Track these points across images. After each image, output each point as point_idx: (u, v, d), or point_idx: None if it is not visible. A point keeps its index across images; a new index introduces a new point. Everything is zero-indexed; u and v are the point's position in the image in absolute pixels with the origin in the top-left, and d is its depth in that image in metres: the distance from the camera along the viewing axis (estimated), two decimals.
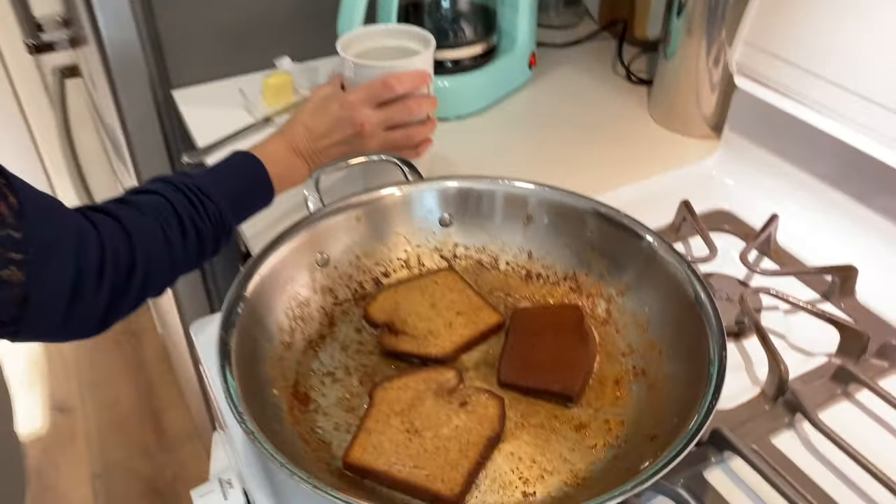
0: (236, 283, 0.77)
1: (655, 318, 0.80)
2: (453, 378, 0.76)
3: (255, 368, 0.73)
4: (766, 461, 0.73)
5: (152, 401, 2.47)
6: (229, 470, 0.83)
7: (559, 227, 0.89)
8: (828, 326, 0.88)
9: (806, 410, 0.77)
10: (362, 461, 0.68)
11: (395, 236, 0.91)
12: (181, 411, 2.43)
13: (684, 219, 1.04)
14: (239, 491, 0.80)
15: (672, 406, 0.71)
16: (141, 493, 2.21)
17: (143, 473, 2.27)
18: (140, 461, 2.30)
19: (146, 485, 2.24)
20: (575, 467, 0.70)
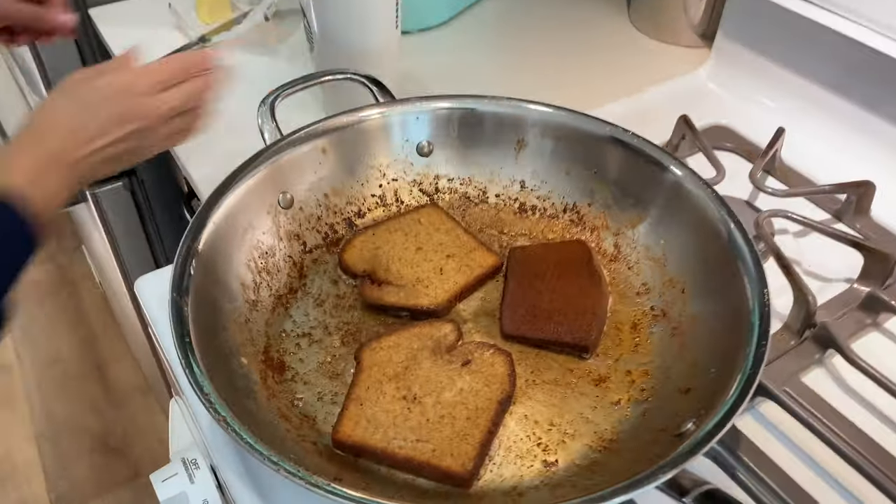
0: (187, 236, 0.64)
1: (675, 253, 0.71)
2: (451, 332, 0.66)
3: (218, 336, 0.61)
4: (800, 404, 0.66)
5: (96, 354, 2.32)
6: (193, 447, 0.72)
7: (556, 152, 0.78)
8: (845, 249, 0.80)
9: (840, 345, 0.69)
10: (355, 438, 0.58)
11: (368, 169, 0.79)
12: (128, 363, 2.28)
13: (683, 136, 0.94)
14: (207, 471, 0.69)
15: (704, 353, 0.62)
16: (91, 451, 2.09)
17: (92, 430, 2.14)
18: (88, 418, 2.17)
19: (97, 442, 2.12)
20: (599, 428, 0.61)
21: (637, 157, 0.73)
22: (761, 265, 0.62)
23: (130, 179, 1.38)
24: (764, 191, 0.86)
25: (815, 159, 0.94)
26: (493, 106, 0.78)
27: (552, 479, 0.57)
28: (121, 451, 2.08)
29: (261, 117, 0.75)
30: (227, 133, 0.85)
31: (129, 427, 2.14)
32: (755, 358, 0.55)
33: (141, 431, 2.12)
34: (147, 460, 2.04)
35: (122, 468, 2.02)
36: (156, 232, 1.47)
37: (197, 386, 0.53)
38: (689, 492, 0.49)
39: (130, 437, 2.11)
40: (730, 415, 0.52)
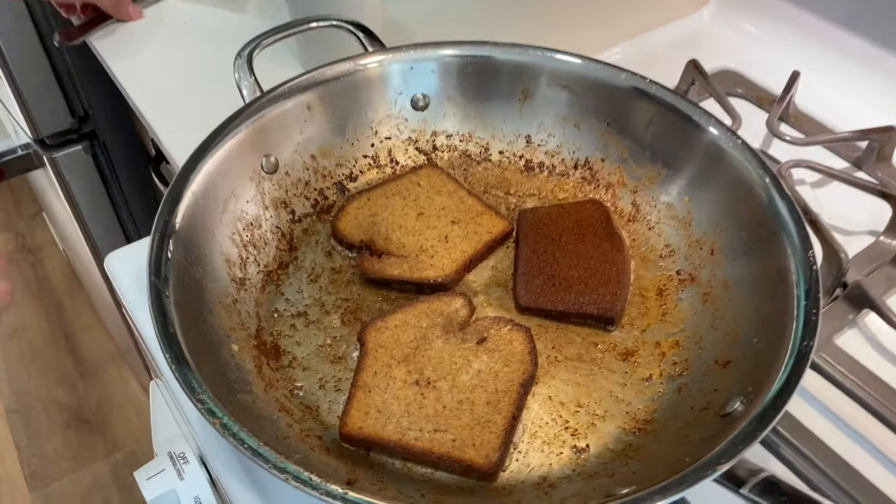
0: (162, 210, 0.56)
1: (701, 210, 0.65)
2: (462, 307, 0.60)
3: (205, 321, 0.55)
4: (838, 370, 0.61)
5: (64, 323, 2.23)
6: (179, 438, 0.66)
7: (565, 103, 0.71)
8: (868, 200, 0.75)
9: (876, 303, 0.65)
10: (365, 430, 0.52)
11: (359, 127, 0.71)
12: (98, 332, 2.20)
13: (692, 82, 0.87)
14: (197, 465, 0.63)
15: (741, 321, 0.57)
16: (65, 425, 2.02)
17: (64, 403, 2.06)
18: (59, 390, 2.09)
19: (70, 415, 2.04)
20: (631, 408, 0.56)
21: (656, 107, 0.67)
22: (803, 223, 0.57)
23: (91, 142, 1.28)
24: (783, 139, 0.80)
25: (830, 104, 0.88)
26: (496, 52, 0.70)
27: (585, 467, 0.52)
28: (96, 424, 2.01)
29: (237, 71, 0.67)
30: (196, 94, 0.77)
31: (104, 399, 2.07)
32: (806, 328, 0.50)
33: (116, 403, 2.04)
34: (125, 433, 1.98)
35: (99, 442, 1.95)
36: (121, 197, 1.38)
37: (187, 386, 0.46)
38: (746, 482, 0.44)
39: (105, 410, 2.04)
40: (786, 394, 0.47)
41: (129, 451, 1.96)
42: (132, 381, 2.07)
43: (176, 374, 0.47)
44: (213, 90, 0.78)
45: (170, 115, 0.84)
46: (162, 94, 0.87)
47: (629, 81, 0.68)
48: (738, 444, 0.45)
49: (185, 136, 0.76)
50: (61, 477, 1.89)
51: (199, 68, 0.90)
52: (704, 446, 0.47)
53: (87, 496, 1.86)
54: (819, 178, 0.81)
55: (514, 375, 0.55)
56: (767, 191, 0.59)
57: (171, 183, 0.58)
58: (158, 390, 0.75)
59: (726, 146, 0.62)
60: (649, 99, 0.67)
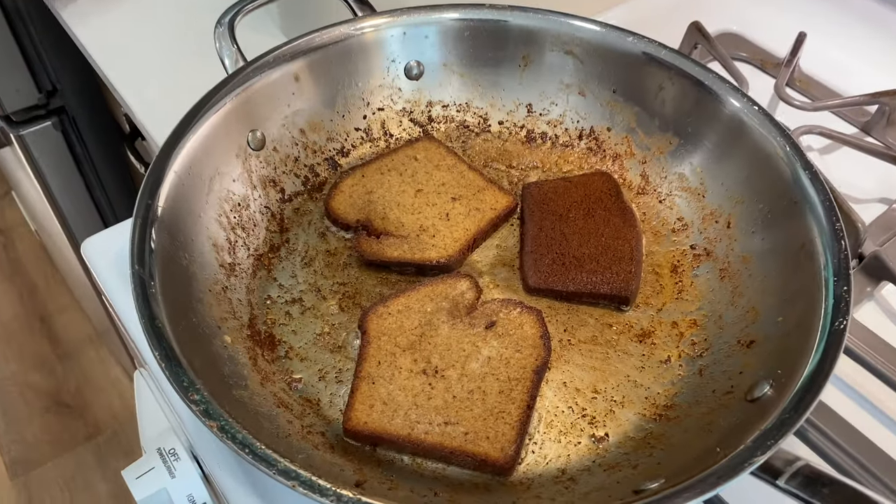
0: (143, 192, 0.52)
1: (715, 181, 0.62)
2: (468, 289, 0.56)
3: (195, 312, 0.51)
4: (858, 344, 0.59)
5: (39, 305, 2.16)
6: (169, 433, 0.62)
7: (568, 69, 0.67)
8: (878, 167, 0.72)
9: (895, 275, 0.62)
10: (371, 425, 0.49)
11: (350, 98, 0.67)
12: (75, 314, 2.14)
13: (695, 46, 0.83)
14: (189, 462, 0.59)
15: (763, 298, 0.54)
16: (44, 409, 1.97)
17: (42, 387, 2.01)
18: (36, 374, 2.03)
19: (49, 399, 1.99)
20: (650, 392, 0.53)
21: (667, 72, 0.63)
22: (829, 193, 0.54)
23: (60, 118, 1.22)
24: (791, 104, 0.77)
25: (836, 66, 0.85)
26: (494, 15, 0.66)
27: (605, 457, 0.49)
28: (76, 408, 1.96)
29: (218, 40, 0.62)
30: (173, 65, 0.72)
31: (83, 382, 2.02)
32: (837, 307, 0.47)
33: (96, 386, 2.00)
34: (106, 415, 1.93)
35: (80, 426, 1.91)
36: (94, 175, 1.32)
37: (179, 385, 0.42)
38: (782, 472, 0.42)
39: (85, 393, 1.99)
40: (820, 378, 0.44)
41: (112, 434, 1.92)
42: (112, 363, 2.02)
43: (166, 373, 0.43)
44: (190, 61, 0.73)
45: (144, 88, 0.79)
46: (135, 66, 0.82)
47: (638, 46, 0.64)
48: (774, 433, 0.42)
49: (162, 110, 0.72)
50: (43, 463, 1.85)
51: (174, 37, 0.85)
52: (734, 434, 0.44)
53: (70, 481, 1.82)
54: (827, 145, 0.78)
55: (526, 362, 0.52)
56: (788, 160, 0.56)
57: (152, 163, 0.53)
58: (143, 380, 0.71)
59: (743, 113, 0.59)
60: (659, 64, 0.63)
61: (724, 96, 0.60)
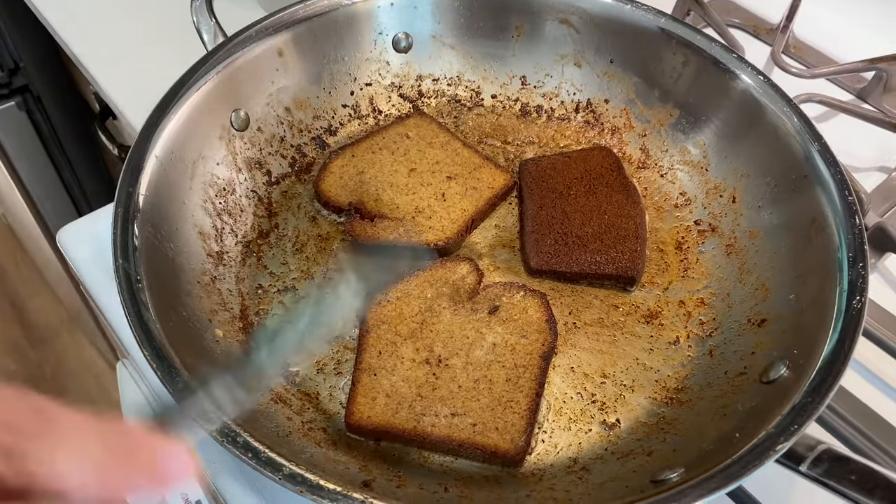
0: (124, 179, 0.49)
1: (718, 154, 0.60)
2: (469, 273, 0.54)
3: (184, 305, 0.48)
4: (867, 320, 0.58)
5: (8, 290, 2.10)
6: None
7: (563, 39, 0.64)
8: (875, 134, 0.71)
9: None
10: (374, 420, 0.47)
11: (336, 73, 0.64)
12: (47, 297, 2.08)
13: (688, 12, 0.81)
14: None
15: (773, 275, 0.52)
16: None
17: (16, 373, 1.96)
18: (9, 360, 1.98)
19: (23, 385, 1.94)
20: (661, 375, 0.51)
21: (667, 41, 0.60)
22: (839, 165, 0.52)
23: (24, 97, 1.16)
24: (789, 72, 0.75)
25: (830, 32, 0.83)
26: None
27: (617, 445, 0.48)
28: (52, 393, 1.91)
29: (196, 14, 0.59)
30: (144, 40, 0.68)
31: (58, 367, 1.97)
32: (853, 284, 0.46)
33: (72, 370, 1.95)
34: (84, 401, 1.89)
35: None
36: (63, 156, 1.27)
37: (173, 387, 0.40)
38: (804, 458, 0.40)
39: (62, 378, 1.94)
40: (840, 359, 0.43)
41: None
42: (87, 347, 1.97)
43: (159, 374, 0.41)
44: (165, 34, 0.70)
45: (115, 65, 0.75)
46: (103, 42, 0.78)
47: (636, 14, 0.62)
48: (797, 417, 0.41)
49: (136, 88, 0.68)
50: None
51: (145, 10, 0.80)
52: (752, 419, 0.43)
53: None
54: (824, 112, 0.76)
55: (532, 348, 0.50)
56: (794, 131, 0.54)
57: (131, 148, 0.50)
58: (127, 372, 0.68)
59: (747, 83, 0.57)
60: (659, 33, 0.61)
61: (728, 66, 0.58)
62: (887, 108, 0.77)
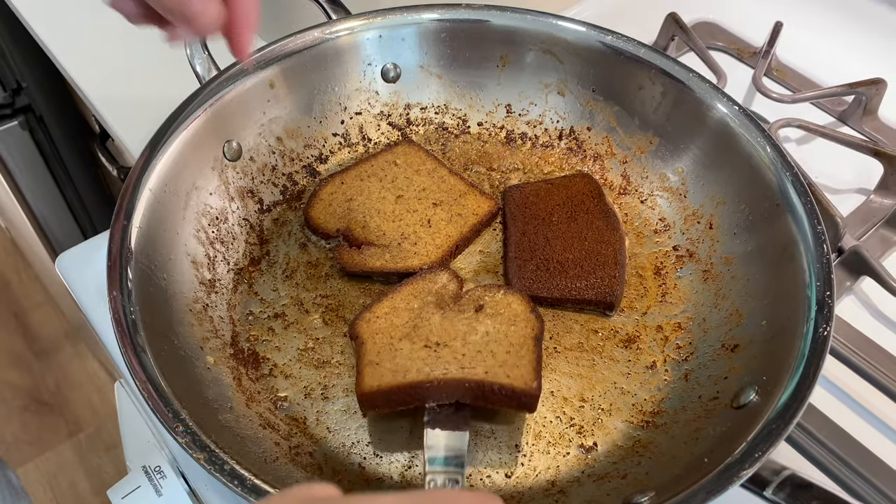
0: (118, 212, 0.51)
1: (696, 181, 0.61)
2: (449, 280, 0.56)
3: (176, 335, 0.50)
4: (839, 341, 0.60)
5: (12, 302, 2.13)
6: (153, 450, 0.62)
7: (547, 68, 0.66)
8: (854, 157, 0.73)
9: (875, 270, 0.63)
10: (384, 385, 0.48)
11: (326, 103, 0.66)
12: (49, 309, 2.10)
13: (672, 37, 0.83)
14: (175, 479, 0.59)
15: (747, 301, 0.54)
16: (23, 408, 1.94)
17: (19, 386, 1.98)
18: (13, 373, 2.00)
19: (27, 397, 1.96)
20: (637, 399, 0.53)
21: (647, 71, 0.62)
22: (809, 194, 0.54)
23: (27, 117, 1.19)
24: (770, 97, 0.77)
25: (812, 55, 0.85)
26: (471, 14, 0.65)
27: (594, 468, 0.49)
28: (55, 405, 1.94)
29: (189, 47, 0.61)
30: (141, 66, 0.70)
31: (61, 379, 1.99)
32: (821, 312, 0.48)
33: (75, 382, 1.97)
34: (86, 412, 1.91)
35: (60, 424, 1.89)
36: (65, 174, 1.29)
37: (163, 417, 0.42)
38: (769, 482, 0.42)
39: (64, 390, 1.97)
40: (806, 386, 0.44)
41: (93, 431, 1.90)
42: (89, 358, 1.99)
43: (150, 403, 0.43)
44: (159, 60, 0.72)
45: (111, 88, 0.77)
46: (100, 65, 0.80)
47: (616, 44, 0.63)
48: (761, 443, 0.42)
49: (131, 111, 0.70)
50: (24, 462, 1.83)
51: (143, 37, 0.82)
52: (722, 443, 0.45)
53: (52, 480, 1.81)
54: (803, 135, 0.78)
55: (524, 332, 0.51)
56: (768, 160, 0.56)
57: (125, 182, 0.52)
58: (125, 391, 0.71)
59: (723, 113, 0.59)
60: (639, 63, 0.63)
61: (704, 97, 0.60)
62: (867, 130, 0.79)
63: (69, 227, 1.40)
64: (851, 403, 0.58)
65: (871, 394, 0.57)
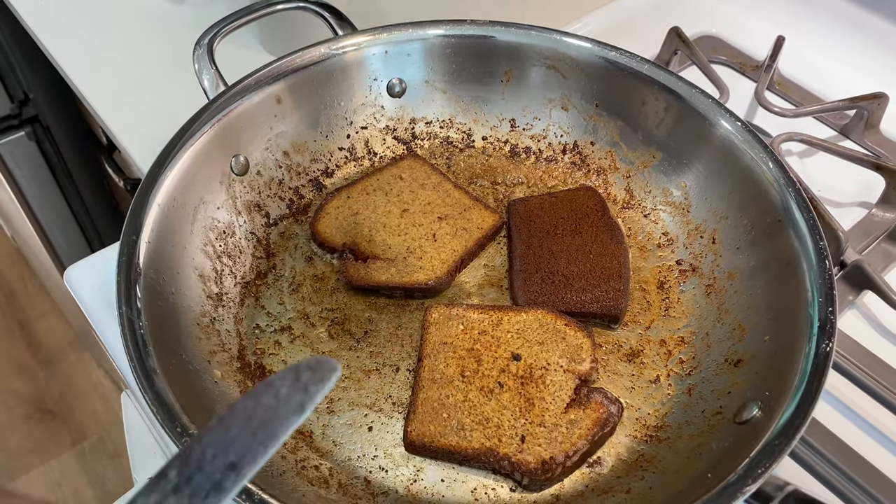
0: (128, 228, 0.51)
1: (699, 196, 0.62)
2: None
3: (183, 350, 0.50)
4: (842, 355, 0.60)
5: (17, 311, 2.14)
6: (159, 462, 0.62)
7: (551, 84, 0.67)
8: (856, 170, 0.73)
9: (877, 285, 0.63)
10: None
11: (333, 118, 0.67)
12: (54, 318, 2.11)
13: (675, 51, 0.83)
14: None
15: (750, 316, 0.55)
16: (27, 416, 1.95)
17: (24, 394, 1.99)
18: (17, 381, 2.01)
19: (31, 406, 1.97)
20: (641, 413, 0.53)
21: (649, 87, 0.63)
22: (812, 211, 0.54)
23: (34, 128, 1.20)
24: (772, 111, 0.78)
25: (815, 69, 0.86)
26: (476, 31, 0.66)
27: (598, 482, 0.50)
28: (59, 413, 1.95)
29: (197, 62, 0.61)
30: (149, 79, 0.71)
31: (66, 387, 2.00)
32: (823, 328, 0.48)
33: (79, 391, 1.98)
34: (90, 420, 1.92)
35: (65, 432, 1.89)
36: (72, 185, 1.30)
37: (173, 433, 0.42)
38: (772, 498, 0.42)
39: (69, 398, 1.97)
40: (808, 402, 0.45)
41: (98, 440, 1.91)
42: (94, 367, 2.00)
43: (159, 418, 0.43)
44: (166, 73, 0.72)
45: (118, 100, 0.78)
46: (107, 77, 0.81)
47: (620, 60, 0.64)
48: (764, 460, 0.43)
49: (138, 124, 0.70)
50: (28, 471, 1.83)
51: (150, 50, 0.83)
52: (724, 460, 0.45)
53: (56, 488, 1.81)
54: (805, 149, 0.79)
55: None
56: (770, 176, 0.57)
57: (134, 197, 0.53)
58: (131, 403, 0.71)
59: (726, 129, 0.59)
60: (642, 79, 0.63)
61: (707, 112, 0.60)
62: (869, 144, 0.79)
63: (75, 238, 1.41)
64: (854, 418, 0.58)
65: (874, 408, 0.58)
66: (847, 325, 0.63)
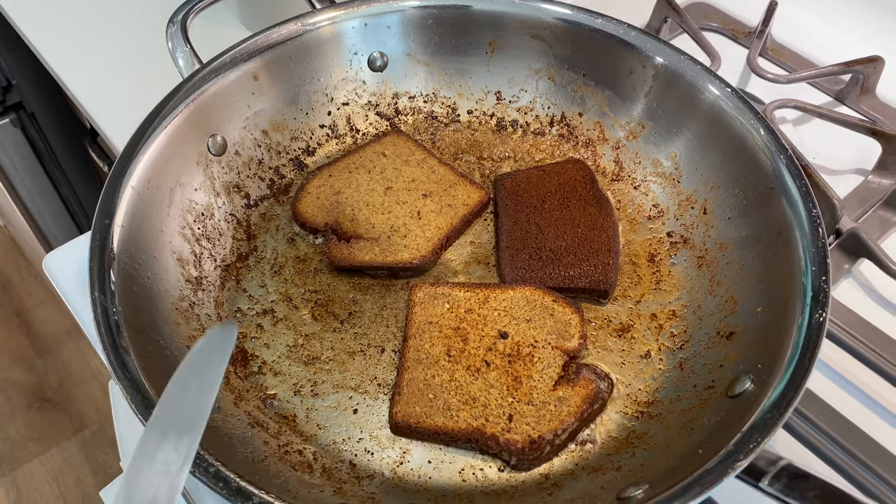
0: (100, 211, 0.50)
1: (689, 166, 0.60)
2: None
3: (160, 336, 0.49)
4: (837, 325, 0.59)
5: (14, 301, 2.13)
6: None
7: (536, 54, 0.65)
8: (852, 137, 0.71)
9: (874, 253, 0.62)
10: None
11: (312, 94, 0.65)
12: (51, 307, 2.10)
13: (665, 19, 0.81)
14: None
15: (742, 287, 0.53)
16: (27, 405, 1.94)
17: (23, 383, 1.99)
18: (16, 371, 2.01)
19: (31, 395, 1.97)
20: (632, 389, 0.52)
21: (638, 55, 0.61)
22: (804, 177, 0.52)
23: (18, 114, 1.18)
24: (765, 77, 0.76)
25: (808, 34, 0.84)
26: (458, 0, 0.64)
27: (588, 460, 0.49)
28: (59, 402, 1.94)
29: (171, 40, 0.60)
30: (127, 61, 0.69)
31: (65, 375, 1.99)
32: (816, 299, 0.46)
33: (78, 378, 1.97)
34: (90, 408, 1.92)
35: (65, 421, 1.89)
36: (59, 171, 1.28)
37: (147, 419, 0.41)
38: (765, 473, 0.41)
39: (68, 386, 1.97)
40: (801, 375, 0.43)
41: (98, 427, 1.91)
42: (92, 355, 1.99)
43: (133, 406, 0.42)
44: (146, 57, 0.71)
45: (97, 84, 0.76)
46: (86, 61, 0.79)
47: (606, 27, 0.62)
48: (756, 434, 0.41)
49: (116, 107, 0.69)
50: (29, 459, 1.83)
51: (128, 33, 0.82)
52: (717, 434, 0.44)
53: (58, 477, 1.82)
54: (799, 116, 0.77)
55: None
56: (762, 143, 0.55)
57: (107, 180, 0.51)
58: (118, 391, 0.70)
59: (716, 95, 0.58)
60: (630, 47, 0.61)
61: (696, 79, 0.59)
62: (865, 109, 0.77)
63: (65, 224, 1.40)
64: (850, 388, 0.57)
65: (870, 378, 0.56)
66: (843, 294, 0.62)
